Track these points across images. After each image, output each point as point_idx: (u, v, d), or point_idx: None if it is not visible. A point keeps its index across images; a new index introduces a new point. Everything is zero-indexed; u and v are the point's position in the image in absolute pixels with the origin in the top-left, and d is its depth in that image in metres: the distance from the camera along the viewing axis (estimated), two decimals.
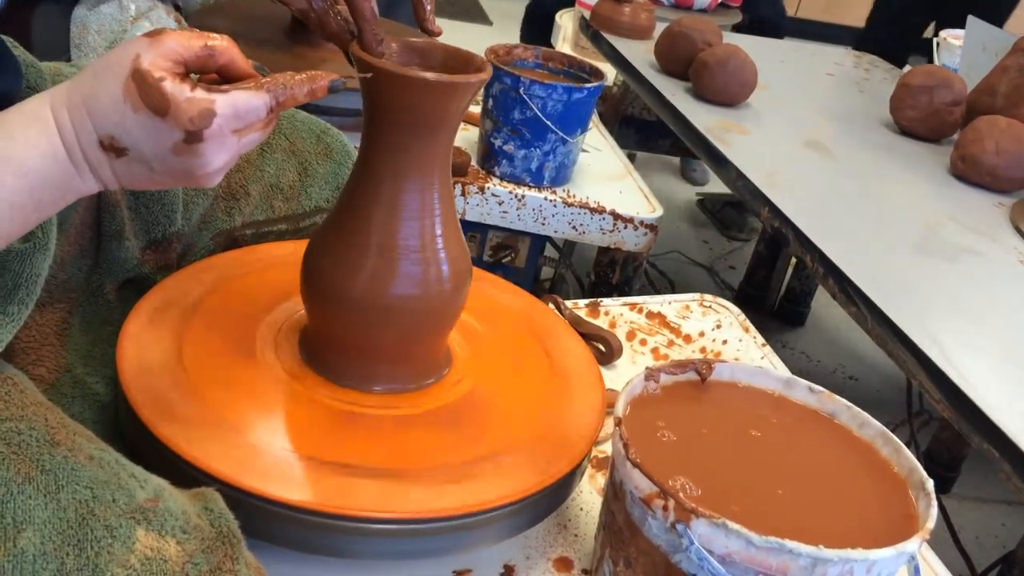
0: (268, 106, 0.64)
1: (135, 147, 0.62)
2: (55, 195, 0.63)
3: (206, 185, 0.66)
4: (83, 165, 0.63)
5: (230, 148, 0.64)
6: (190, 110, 0.61)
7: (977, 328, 1.17)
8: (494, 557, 0.82)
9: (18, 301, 0.70)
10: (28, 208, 0.62)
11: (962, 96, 1.80)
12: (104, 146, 0.62)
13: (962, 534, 1.67)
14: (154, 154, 0.62)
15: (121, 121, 0.61)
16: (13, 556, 0.58)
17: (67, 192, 0.64)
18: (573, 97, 1.46)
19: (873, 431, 0.81)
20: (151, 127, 0.61)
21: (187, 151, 0.62)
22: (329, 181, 1.07)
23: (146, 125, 0.61)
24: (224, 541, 0.64)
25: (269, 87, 0.64)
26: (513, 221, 1.53)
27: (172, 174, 0.64)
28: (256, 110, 0.63)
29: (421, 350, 0.85)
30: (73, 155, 0.62)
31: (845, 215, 1.43)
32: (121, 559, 0.59)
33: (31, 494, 0.60)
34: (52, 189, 0.62)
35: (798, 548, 0.64)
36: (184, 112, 0.61)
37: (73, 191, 0.64)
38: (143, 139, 0.62)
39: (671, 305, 1.30)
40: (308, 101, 0.66)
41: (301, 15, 0.77)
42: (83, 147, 0.62)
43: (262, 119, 0.64)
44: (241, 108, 0.62)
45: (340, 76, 0.66)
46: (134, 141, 0.62)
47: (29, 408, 0.65)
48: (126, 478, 0.64)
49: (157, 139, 0.61)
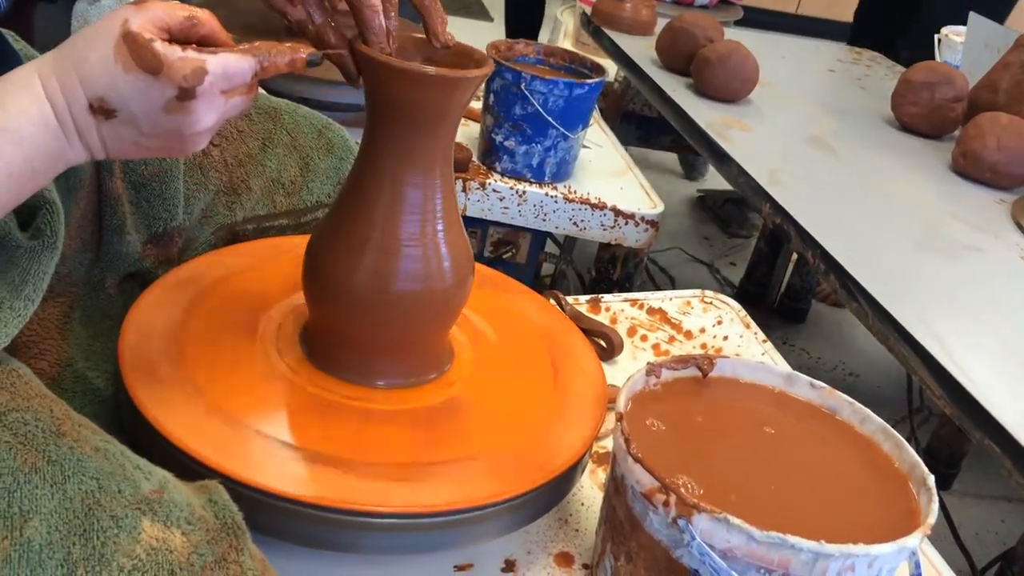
0: (253, 70, 0.66)
1: (125, 107, 0.63)
2: (48, 163, 0.64)
3: (191, 149, 0.67)
4: (72, 130, 0.64)
5: (218, 108, 0.66)
6: (184, 68, 0.62)
7: (978, 324, 1.17)
8: (495, 552, 0.82)
9: (25, 297, 0.70)
10: (25, 177, 0.63)
11: (964, 92, 1.79)
12: (93, 108, 0.63)
13: (962, 531, 1.67)
14: (144, 113, 0.64)
15: (111, 82, 0.62)
16: (20, 545, 0.58)
17: (58, 161, 0.65)
18: (574, 93, 1.46)
19: (874, 427, 0.81)
20: (143, 86, 0.62)
21: (179, 108, 0.64)
22: (331, 176, 1.07)
23: (137, 84, 0.62)
24: (229, 532, 0.64)
25: (255, 52, 0.66)
26: (514, 217, 1.53)
27: (160, 136, 0.65)
28: (243, 73, 0.66)
29: (423, 345, 0.85)
30: (63, 121, 0.63)
31: (846, 211, 1.43)
32: (127, 549, 0.60)
33: (38, 484, 0.60)
34: (46, 157, 0.63)
35: (799, 543, 0.64)
36: (178, 70, 0.62)
37: (63, 159, 0.65)
38: (134, 99, 0.63)
39: (672, 301, 1.30)
40: (287, 71, 0.68)
41: (298, 26, 0.77)
42: (72, 112, 0.63)
43: (247, 83, 0.67)
44: (230, 69, 0.65)
45: (318, 52, 0.70)
46: (124, 101, 0.63)
47: (35, 399, 0.66)
48: (131, 469, 0.64)
49: (149, 98, 0.63)
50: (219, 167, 1.00)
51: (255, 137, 1.03)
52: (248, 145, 1.02)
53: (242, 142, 1.02)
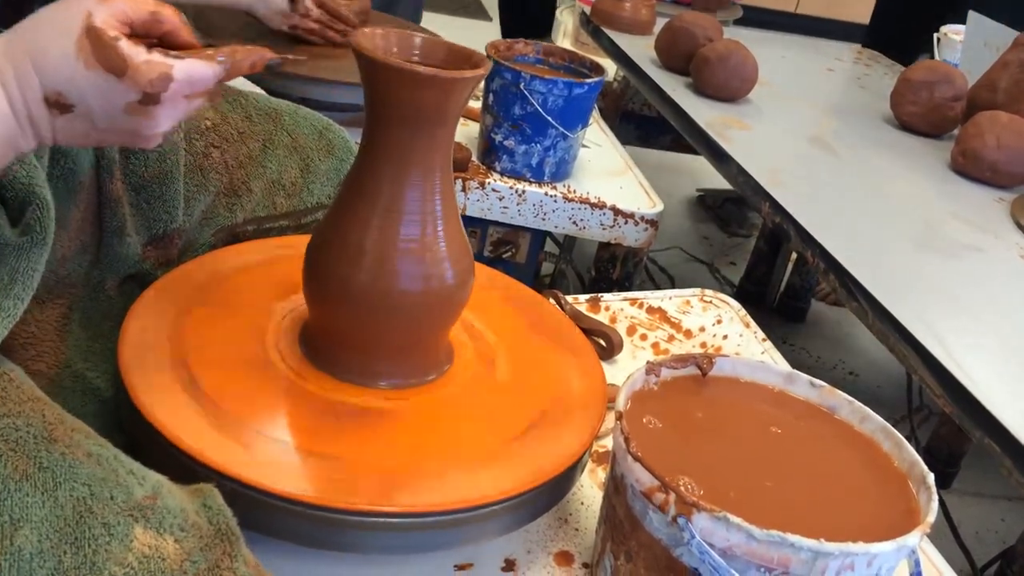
0: (218, 76, 0.66)
1: (82, 103, 0.62)
2: (1, 151, 0.63)
3: (146, 146, 0.67)
4: (25, 121, 0.62)
5: (179, 111, 0.65)
6: (149, 72, 0.62)
7: (978, 323, 1.17)
8: (495, 551, 0.83)
9: (14, 296, 0.69)
10: None
11: (963, 91, 1.79)
12: (49, 102, 0.62)
13: (962, 530, 1.67)
14: (102, 111, 0.62)
15: (71, 77, 0.61)
16: (10, 554, 0.57)
17: (9, 150, 0.63)
18: (574, 92, 1.46)
19: (874, 426, 0.81)
20: (104, 86, 0.61)
21: (140, 111, 0.63)
22: (331, 177, 1.07)
23: (98, 83, 0.61)
24: (222, 539, 0.64)
25: (219, 58, 0.66)
26: (513, 216, 1.53)
27: (116, 132, 0.65)
28: (206, 80, 0.65)
29: (423, 345, 0.85)
30: (16, 110, 0.62)
31: (846, 211, 1.43)
32: (119, 557, 0.59)
33: (28, 491, 0.59)
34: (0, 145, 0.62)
35: (799, 542, 0.65)
36: (143, 74, 0.61)
37: (15, 148, 0.64)
38: (93, 96, 0.62)
39: (672, 300, 1.30)
40: (248, 73, 0.68)
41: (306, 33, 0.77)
42: (28, 102, 0.62)
43: (209, 88, 0.66)
44: (195, 75, 0.64)
45: (279, 56, 0.70)
46: (83, 97, 0.62)
47: (26, 404, 0.64)
48: (124, 475, 0.63)
49: (109, 98, 0.62)
50: (219, 169, 0.99)
51: (256, 138, 1.03)
52: (248, 146, 1.02)
53: (243, 143, 1.02)
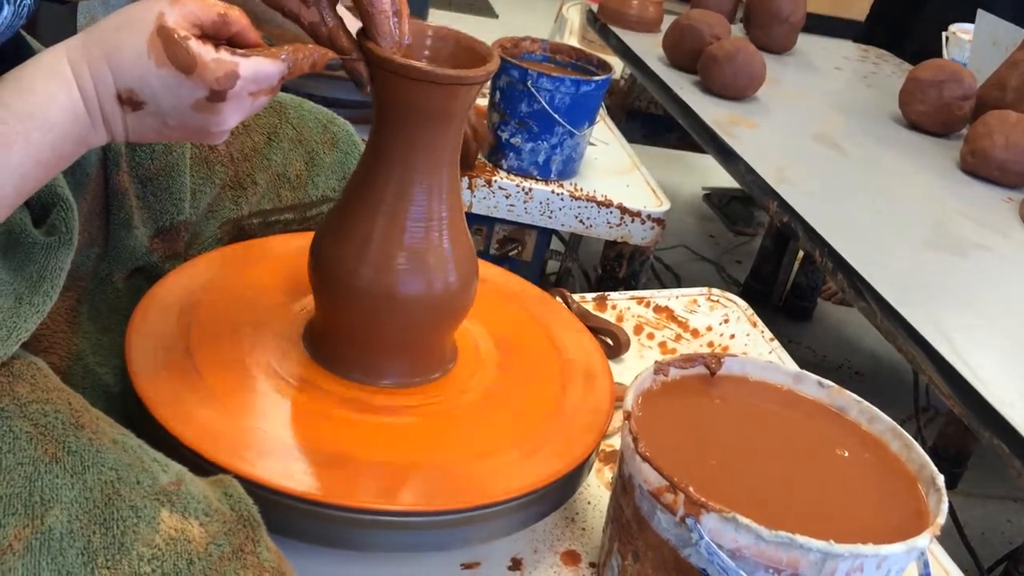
0: (282, 73, 0.67)
1: (153, 101, 0.64)
2: (73, 148, 0.65)
3: (214, 142, 0.69)
4: (98, 117, 0.64)
5: (245, 109, 0.67)
6: (217, 70, 0.63)
7: (987, 323, 1.17)
8: (502, 550, 0.82)
9: (43, 292, 0.71)
10: (51, 164, 0.64)
11: (971, 90, 1.79)
12: (122, 99, 0.64)
13: (968, 530, 1.66)
14: (172, 108, 0.64)
15: (143, 75, 0.63)
16: (41, 534, 0.59)
17: (82, 145, 0.65)
18: (581, 90, 1.45)
19: (883, 426, 0.81)
20: (174, 83, 0.63)
21: (208, 108, 0.65)
22: (336, 170, 1.07)
23: (168, 81, 0.63)
24: (245, 524, 0.65)
25: (284, 57, 0.67)
26: (520, 214, 1.53)
27: (185, 129, 0.66)
28: (271, 77, 0.67)
29: (427, 345, 0.85)
30: (90, 107, 0.64)
31: (854, 210, 1.42)
32: (147, 539, 0.61)
33: (58, 473, 0.61)
34: (72, 143, 0.64)
35: (808, 543, 0.64)
36: (211, 72, 0.63)
37: (86, 143, 0.65)
38: (163, 94, 0.63)
39: (679, 299, 1.29)
40: (309, 72, 0.70)
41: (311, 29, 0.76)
42: (100, 99, 0.64)
43: (273, 85, 0.68)
44: (261, 73, 0.66)
45: (338, 57, 0.73)
46: (154, 95, 0.64)
47: (53, 392, 0.67)
48: (149, 462, 0.65)
49: (178, 95, 0.64)
50: (225, 161, 0.99)
51: (260, 131, 1.03)
52: (253, 139, 1.02)
53: (247, 136, 1.02)
